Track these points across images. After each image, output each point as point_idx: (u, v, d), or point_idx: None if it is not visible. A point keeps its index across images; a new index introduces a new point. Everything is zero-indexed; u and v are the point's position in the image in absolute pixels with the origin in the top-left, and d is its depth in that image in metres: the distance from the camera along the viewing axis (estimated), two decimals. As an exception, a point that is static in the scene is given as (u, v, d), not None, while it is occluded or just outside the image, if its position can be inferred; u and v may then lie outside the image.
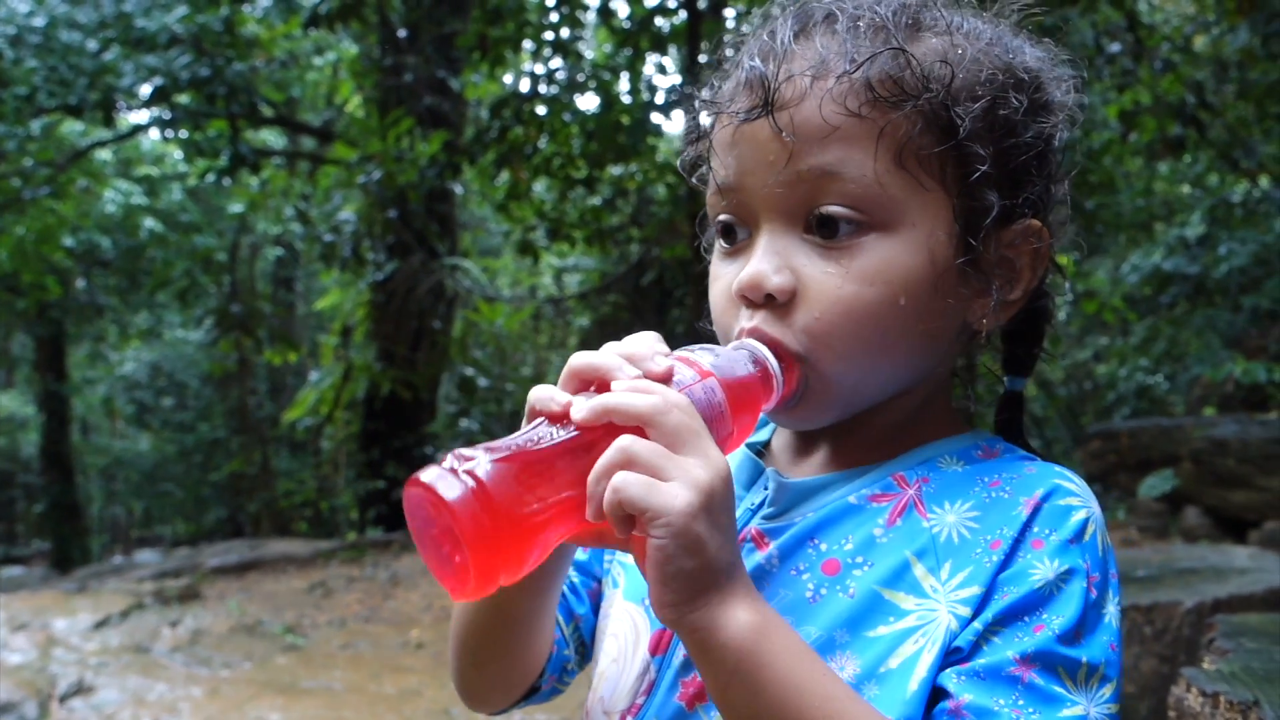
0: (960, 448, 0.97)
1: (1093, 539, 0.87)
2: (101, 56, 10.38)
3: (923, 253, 0.89)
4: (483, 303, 12.75)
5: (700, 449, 0.79)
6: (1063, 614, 0.84)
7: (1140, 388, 11.50)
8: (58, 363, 20.03)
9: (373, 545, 9.80)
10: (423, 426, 12.80)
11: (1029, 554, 0.86)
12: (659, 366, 0.83)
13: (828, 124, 0.88)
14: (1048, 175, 0.95)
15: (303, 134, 16.30)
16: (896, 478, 0.94)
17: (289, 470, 19.20)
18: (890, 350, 0.91)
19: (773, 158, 0.90)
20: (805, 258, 0.91)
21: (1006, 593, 0.85)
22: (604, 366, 0.83)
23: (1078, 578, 0.85)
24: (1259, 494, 6.98)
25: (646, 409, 0.78)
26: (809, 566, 0.91)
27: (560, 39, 9.85)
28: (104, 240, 16.26)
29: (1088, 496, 0.90)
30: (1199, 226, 11.25)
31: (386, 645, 6.78)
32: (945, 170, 0.90)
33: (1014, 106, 0.91)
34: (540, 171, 10.12)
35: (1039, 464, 0.94)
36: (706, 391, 0.83)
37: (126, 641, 6.50)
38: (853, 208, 0.89)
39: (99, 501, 25.93)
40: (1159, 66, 9.36)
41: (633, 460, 0.76)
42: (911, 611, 0.86)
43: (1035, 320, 1.03)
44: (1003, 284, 0.94)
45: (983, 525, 0.88)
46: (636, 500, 0.75)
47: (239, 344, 14.63)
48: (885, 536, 0.90)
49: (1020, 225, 0.93)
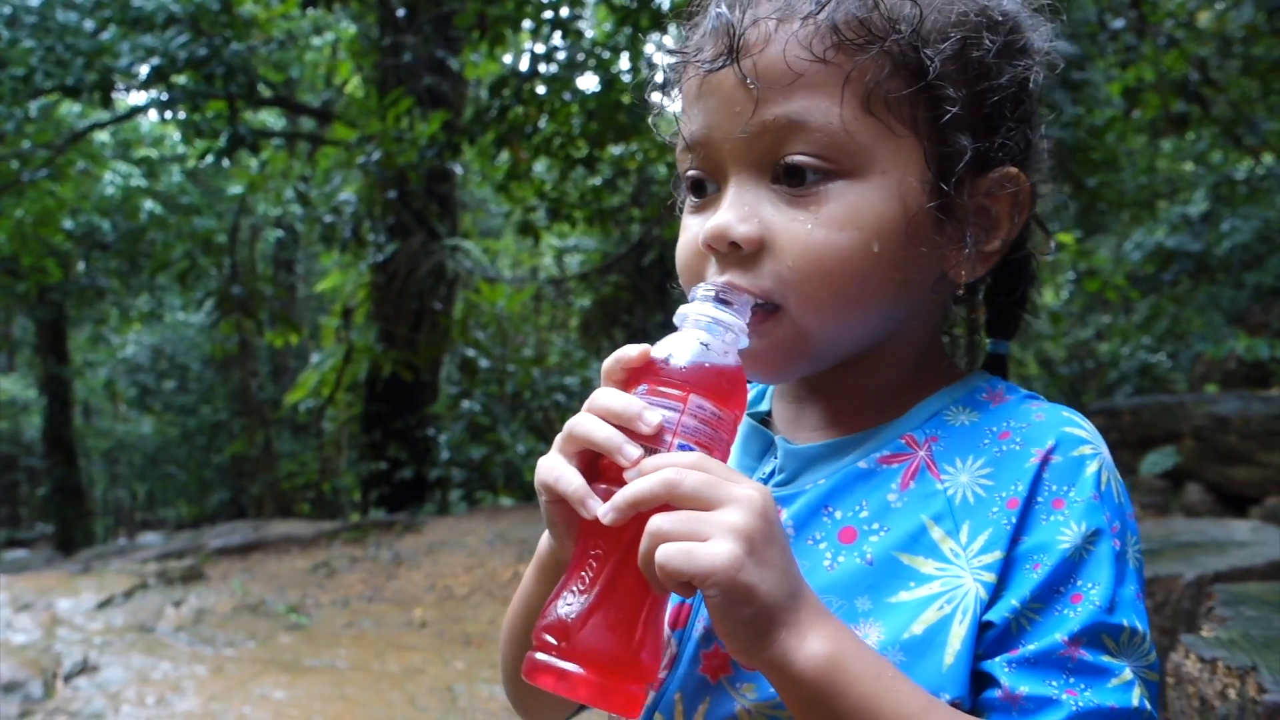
0: (965, 394, 0.95)
1: (1109, 487, 0.87)
2: (98, 36, 10.31)
3: (894, 199, 0.88)
4: (484, 284, 12.72)
5: (727, 494, 0.78)
6: (1098, 580, 0.83)
7: (1142, 365, 11.48)
8: (59, 346, 20.03)
9: (375, 526, 9.83)
10: (424, 407, 12.80)
11: (1052, 515, 0.85)
12: (648, 426, 0.82)
13: (792, 70, 0.86)
14: (1024, 120, 0.93)
15: (302, 115, 16.22)
16: (906, 438, 0.93)
17: (291, 452, 19.23)
18: (866, 299, 0.89)
19: (738, 108, 0.89)
20: (773, 206, 0.89)
21: (1037, 562, 0.84)
22: (604, 445, 0.83)
23: (1105, 537, 0.84)
24: (1261, 470, 6.98)
25: (662, 490, 0.79)
26: (825, 535, 0.91)
27: (560, 17, 9.78)
28: (104, 223, 16.22)
29: (1096, 439, 0.90)
30: (1202, 204, 11.21)
31: (390, 624, 6.80)
32: (916, 115, 0.88)
33: (987, 48, 0.89)
34: (540, 151, 10.07)
35: (1046, 407, 0.93)
36: (695, 413, 0.84)
37: (130, 621, 6.52)
38: (819, 156, 0.87)
39: (102, 485, 26.00)
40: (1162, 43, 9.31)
41: (666, 536, 0.77)
42: (934, 577, 0.85)
43: (1017, 278, 1.01)
44: (980, 233, 0.92)
45: (997, 481, 0.87)
46: (683, 571, 0.76)
47: (240, 326, 14.60)
48: (900, 501, 0.90)
49: (997, 173, 0.92)
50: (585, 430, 0.84)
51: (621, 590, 0.82)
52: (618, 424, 0.83)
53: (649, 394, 0.85)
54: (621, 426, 0.83)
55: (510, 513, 10.27)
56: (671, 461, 0.80)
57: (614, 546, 0.82)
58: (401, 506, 12.13)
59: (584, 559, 0.84)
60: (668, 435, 0.83)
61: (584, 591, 0.82)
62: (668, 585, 0.78)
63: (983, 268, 0.94)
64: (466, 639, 6.30)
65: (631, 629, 0.82)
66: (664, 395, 0.84)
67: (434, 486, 12.76)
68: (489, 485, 12.84)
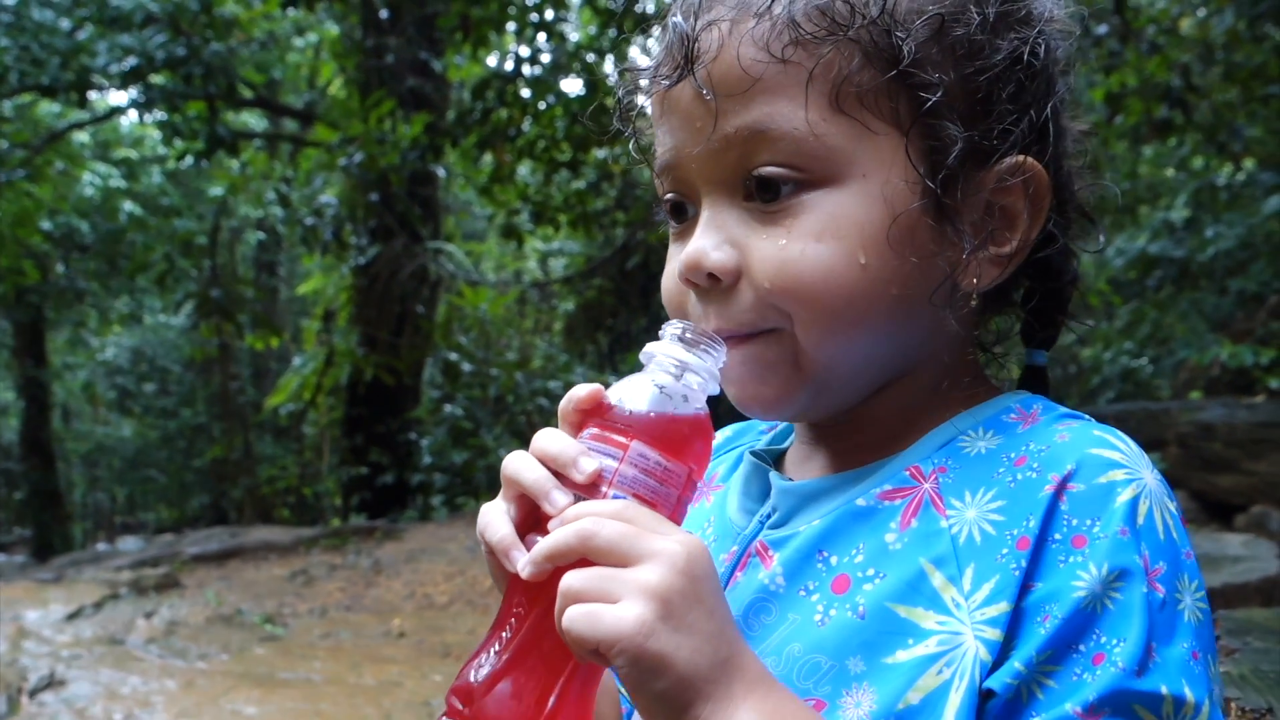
0: (989, 416, 0.83)
1: (1149, 520, 0.73)
2: (75, 35, 10.18)
3: (878, 204, 0.78)
4: (466, 287, 12.64)
5: (645, 549, 0.70)
6: (1124, 635, 0.69)
7: (1125, 371, 11.49)
8: (37, 348, 19.81)
9: (355, 532, 9.72)
10: (406, 412, 12.71)
11: (1071, 556, 0.71)
12: (582, 474, 0.76)
13: (748, 75, 0.78)
14: (1030, 100, 0.82)
15: (284, 116, 16.11)
16: (911, 470, 0.82)
17: (272, 456, 19.10)
18: (861, 318, 0.79)
19: (699, 123, 0.81)
20: (746, 227, 0.81)
21: (1047, 614, 0.71)
22: (531, 489, 0.76)
23: (1134, 581, 0.71)
24: (1246, 478, 6.97)
25: (575, 541, 0.71)
26: (819, 585, 0.80)
27: (544, 20, 9.72)
28: (83, 224, 16.06)
29: (1136, 461, 0.76)
30: (1184, 210, 11.23)
31: (368, 635, 6.70)
32: (896, 107, 0.78)
33: (972, 23, 0.79)
34: (524, 154, 10.01)
35: (1077, 426, 0.79)
36: (635, 462, 0.76)
37: (100, 633, 6.40)
38: (789, 166, 0.79)
39: (81, 488, 25.76)
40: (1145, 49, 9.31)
41: (578, 594, 0.70)
42: (933, 633, 0.74)
43: (1051, 278, 0.89)
44: (996, 233, 0.82)
45: (1008, 517, 0.75)
46: (586, 636, 0.68)
47: (220, 329, 14.48)
48: (899, 542, 0.78)
49: (1005, 163, 0.81)
50: (516, 471, 0.78)
51: (539, 654, 0.74)
52: (554, 468, 0.77)
53: (593, 439, 0.78)
54: (556, 471, 0.77)
55: (492, 517, 10.18)
56: (592, 510, 0.73)
57: (533, 604, 0.75)
58: (383, 511, 12.03)
59: (507, 615, 0.76)
60: (604, 485, 0.76)
61: (499, 652, 0.75)
62: (578, 653, 0.70)
63: (997, 271, 0.83)
64: (446, 650, 6.21)
65: (543, 698, 0.73)
66: (607, 441, 0.77)
67: (416, 491, 12.66)
68: (471, 490, 12.74)
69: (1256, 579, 3.18)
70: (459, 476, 12.57)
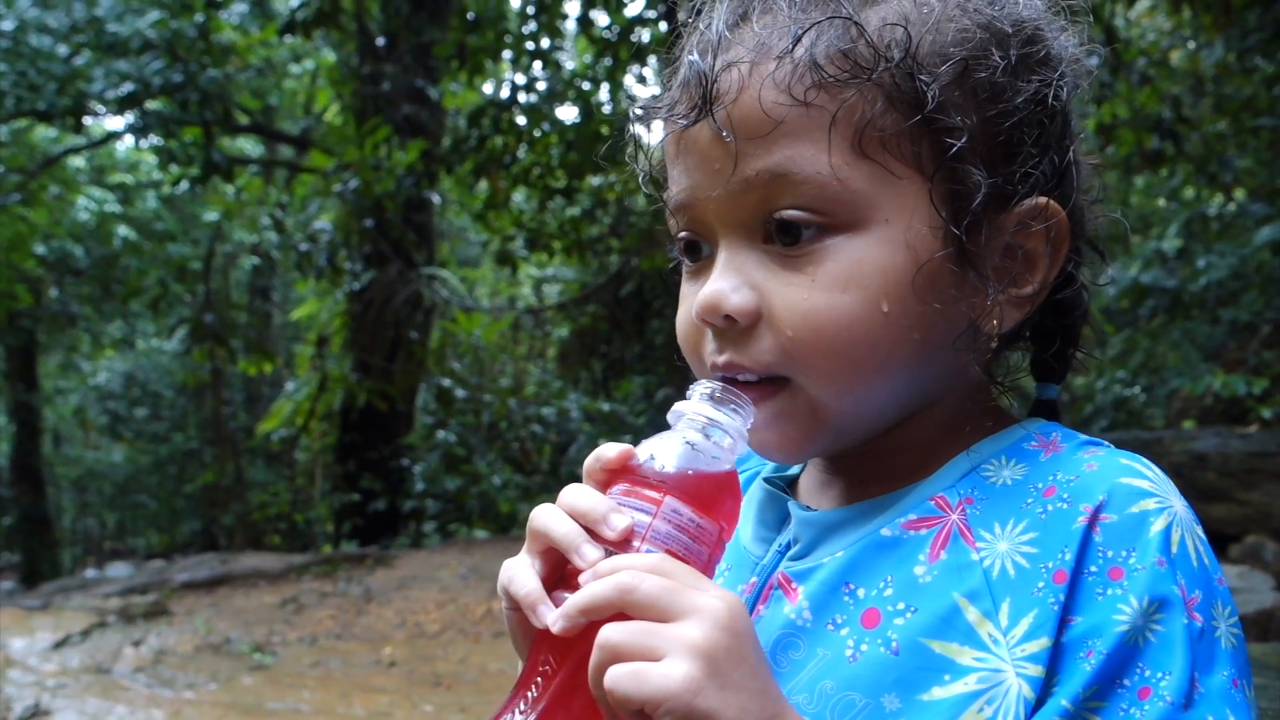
0: (1010, 444, 0.83)
1: (1183, 548, 0.73)
2: (72, 61, 10.22)
3: (901, 249, 0.78)
4: (460, 313, 12.65)
5: (687, 604, 0.69)
6: (1169, 668, 0.69)
7: (1118, 399, 11.51)
8: (29, 372, 19.73)
9: (346, 560, 9.65)
10: (399, 438, 12.67)
11: (1109, 589, 0.71)
12: (615, 531, 0.74)
13: (770, 118, 0.77)
14: (1051, 142, 0.82)
15: (280, 142, 16.16)
16: (937, 500, 0.81)
17: (264, 482, 18.99)
18: (882, 365, 0.79)
19: (718, 165, 0.80)
20: (766, 271, 0.80)
21: (1090, 649, 0.70)
22: (561, 542, 0.75)
23: (1174, 611, 0.70)
24: (1240, 508, 6.96)
25: (615, 595, 0.70)
26: (847, 619, 0.79)
27: (540, 48, 9.80)
28: (76, 248, 16.04)
29: (1165, 489, 0.76)
30: (1176, 240, 11.30)
31: (358, 663, 6.63)
32: (919, 152, 0.78)
33: (995, 65, 0.78)
34: (519, 181, 10.06)
35: (1103, 454, 0.79)
36: (669, 518, 0.75)
37: (87, 662, 6.33)
38: (811, 210, 0.78)
39: (71, 513, 25.55)
40: (1136, 80, 9.40)
41: (618, 650, 0.68)
42: (971, 670, 0.73)
43: (1065, 314, 0.89)
44: (1017, 276, 0.81)
45: (1042, 549, 0.74)
46: (632, 695, 0.67)
47: (213, 354, 14.45)
48: (928, 575, 0.77)
49: (1024, 205, 0.80)
50: (545, 524, 0.76)
51: (568, 712, 0.72)
52: (584, 524, 0.75)
53: (624, 495, 0.77)
54: (587, 528, 0.75)
55: (484, 546, 10.12)
56: (629, 564, 0.71)
57: (563, 660, 0.73)
58: (375, 538, 11.96)
59: (533, 673, 0.74)
60: (636, 540, 0.74)
61: (525, 711, 0.72)
62: (619, 713, 0.68)
63: (1019, 313, 0.83)
64: (436, 679, 6.15)
65: None
66: (639, 497, 0.76)
67: (408, 518, 12.60)
68: (464, 517, 12.68)
69: (1252, 612, 3.16)
70: (452, 503, 12.52)
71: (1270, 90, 9.03)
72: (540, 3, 9.64)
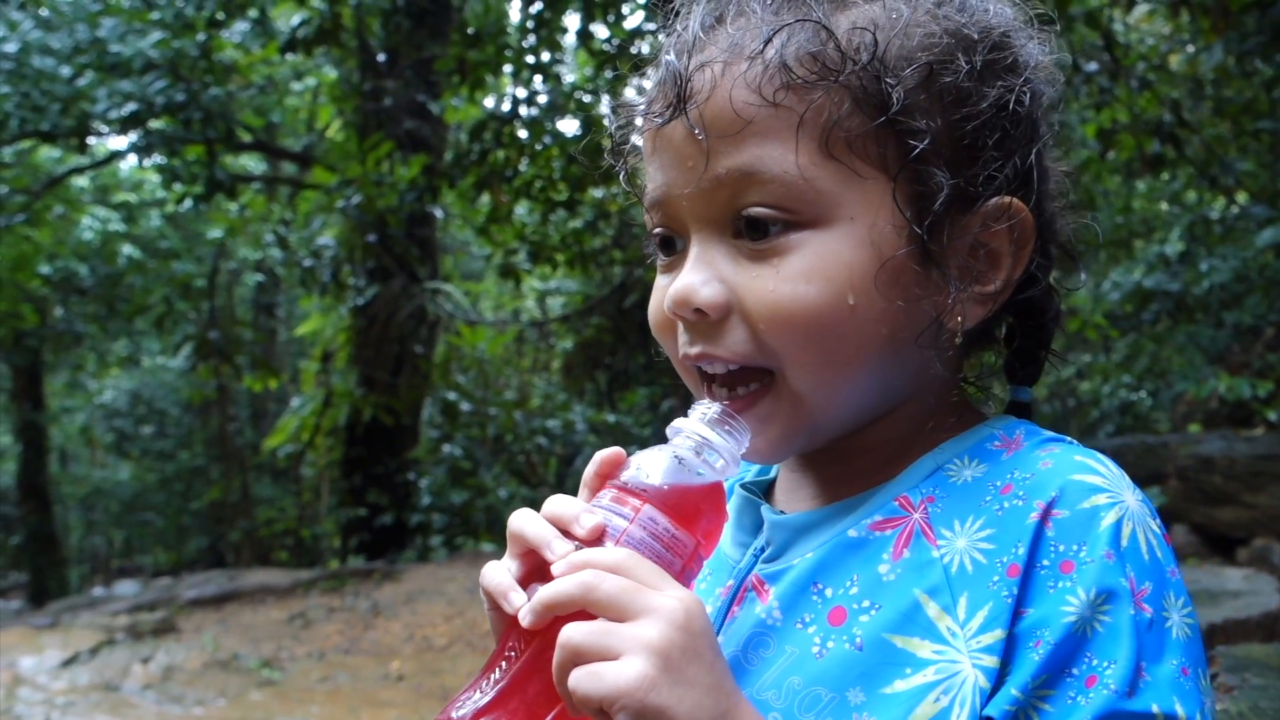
0: (973, 444, 0.85)
1: (1133, 541, 0.75)
2: (75, 82, 10.28)
3: (865, 247, 0.80)
4: (464, 326, 12.67)
5: (645, 604, 0.72)
6: (1114, 657, 0.72)
7: (1124, 404, 11.49)
8: (35, 392, 19.78)
9: (353, 574, 9.66)
10: (405, 452, 12.68)
11: (1060, 582, 0.74)
12: (585, 529, 0.77)
13: (740, 117, 0.80)
14: (1015, 146, 0.83)
15: (282, 159, 16.23)
16: (900, 500, 0.83)
17: (270, 498, 19.01)
18: (853, 357, 0.81)
19: (691, 162, 0.83)
20: (734, 264, 0.83)
21: (1039, 639, 0.73)
22: (533, 539, 0.79)
23: (1121, 602, 0.73)
24: (1247, 511, 6.94)
25: (578, 592, 0.73)
26: (815, 617, 0.82)
27: (540, 62, 9.83)
28: (81, 267, 16.10)
29: (1118, 484, 0.78)
30: (1179, 243, 11.29)
31: (366, 678, 6.64)
32: (884, 152, 0.80)
33: (960, 70, 0.81)
34: (521, 194, 10.08)
35: (1059, 451, 0.81)
36: (645, 525, 0.78)
37: (96, 679, 6.33)
38: (777, 207, 0.80)
39: (78, 532, 25.57)
40: (1136, 85, 9.42)
41: (578, 651, 0.71)
42: (930, 662, 0.76)
43: (1035, 317, 0.91)
44: (980, 274, 0.83)
45: (997, 545, 0.77)
46: (590, 695, 0.70)
47: (218, 371, 14.48)
48: (892, 573, 0.80)
49: (990, 205, 0.82)
50: (520, 525, 0.80)
51: (523, 697, 0.75)
52: (559, 526, 0.79)
53: (609, 500, 0.80)
54: (562, 529, 0.79)
55: (491, 559, 10.10)
56: (593, 559, 0.75)
57: (525, 649, 0.76)
58: (382, 552, 11.96)
59: (499, 657, 0.78)
60: (609, 541, 0.77)
61: (485, 691, 0.76)
62: (582, 712, 0.72)
63: (982, 311, 0.85)
64: (445, 693, 6.15)
65: None
66: (620, 502, 0.79)
67: (415, 532, 12.59)
68: (470, 531, 12.67)
69: (1258, 614, 3.16)
70: (458, 516, 12.51)
71: (1270, 93, 9.03)
72: (540, 17, 9.69)
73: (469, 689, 0.76)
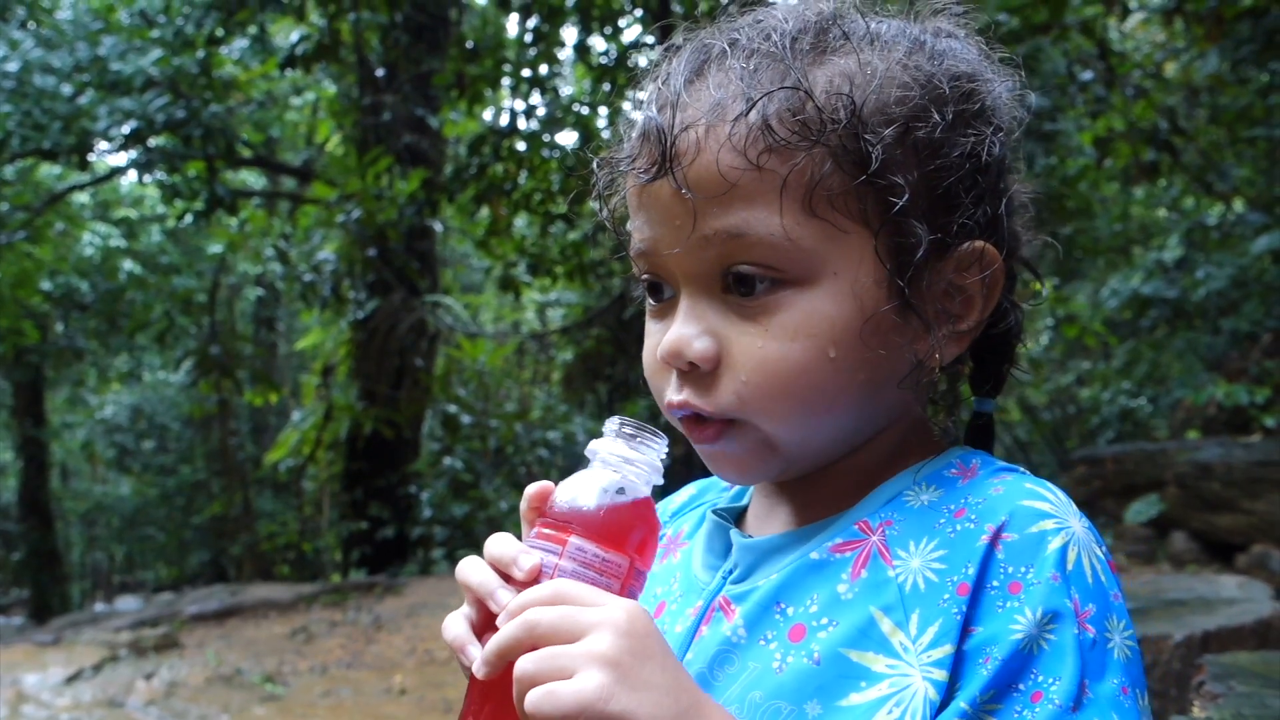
0: (932, 472, 0.88)
1: (1078, 566, 0.78)
2: (76, 100, 10.33)
3: (848, 299, 0.83)
4: (465, 339, 12.68)
5: (587, 621, 0.74)
6: (1059, 674, 0.75)
7: (1123, 411, 11.50)
8: (36, 408, 19.80)
9: (355, 588, 9.66)
10: (406, 465, 12.68)
11: (1008, 602, 0.77)
12: (523, 571, 0.80)
13: (726, 180, 0.82)
14: (985, 194, 0.87)
15: (282, 174, 16.28)
16: (860, 524, 0.86)
17: (271, 512, 19.00)
18: (830, 404, 0.85)
19: (679, 221, 0.85)
20: (724, 319, 0.86)
21: (988, 656, 0.76)
22: (478, 591, 0.81)
23: (1066, 623, 0.76)
24: (1245, 517, 6.95)
25: (522, 633, 0.75)
26: (776, 634, 0.85)
27: (538, 75, 9.88)
28: (82, 283, 16.14)
29: (1065, 511, 0.81)
30: (1176, 250, 11.31)
31: (369, 692, 6.64)
32: (865, 209, 0.82)
33: (935, 123, 0.83)
34: (520, 207, 10.11)
35: (1010, 479, 0.84)
36: (574, 554, 0.80)
37: (99, 696, 6.34)
38: (764, 265, 0.83)
39: (80, 547, 25.54)
40: (1131, 93, 9.47)
41: (532, 677, 0.73)
42: (884, 676, 0.78)
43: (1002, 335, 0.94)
44: (954, 315, 0.87)
45: (949, 565, 0.80)
46: (551, 714, 0.71)
47: (219, 385, 14.50)
48: (850, 592, 0.83)
49: (962, 249, 0.86)
50: (464, 576, 0.83)
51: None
52: (500, 569, 0.81)
53: (538, 537, 0.82)
54: (502, 572, 0.81)
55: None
56: (530, 599, 0.77)
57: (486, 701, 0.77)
58: (383, 566, 11.96)
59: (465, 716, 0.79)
60: (544, 578, 0.79)
61: None
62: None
63: (958, 348, 0.89)
64: (447, 706, 6.15)
65: None
66: (549, 539, 0.81)
67: (416, 545, 12.59)
68: (472, 543, 12.65)
69: (1251, 621, 3.17)
70: (459, 529, 12.51)
71: (1265, 99, 9.07)
72: (538, 31, 9.74)
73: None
